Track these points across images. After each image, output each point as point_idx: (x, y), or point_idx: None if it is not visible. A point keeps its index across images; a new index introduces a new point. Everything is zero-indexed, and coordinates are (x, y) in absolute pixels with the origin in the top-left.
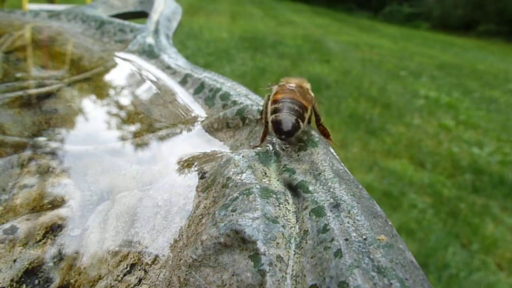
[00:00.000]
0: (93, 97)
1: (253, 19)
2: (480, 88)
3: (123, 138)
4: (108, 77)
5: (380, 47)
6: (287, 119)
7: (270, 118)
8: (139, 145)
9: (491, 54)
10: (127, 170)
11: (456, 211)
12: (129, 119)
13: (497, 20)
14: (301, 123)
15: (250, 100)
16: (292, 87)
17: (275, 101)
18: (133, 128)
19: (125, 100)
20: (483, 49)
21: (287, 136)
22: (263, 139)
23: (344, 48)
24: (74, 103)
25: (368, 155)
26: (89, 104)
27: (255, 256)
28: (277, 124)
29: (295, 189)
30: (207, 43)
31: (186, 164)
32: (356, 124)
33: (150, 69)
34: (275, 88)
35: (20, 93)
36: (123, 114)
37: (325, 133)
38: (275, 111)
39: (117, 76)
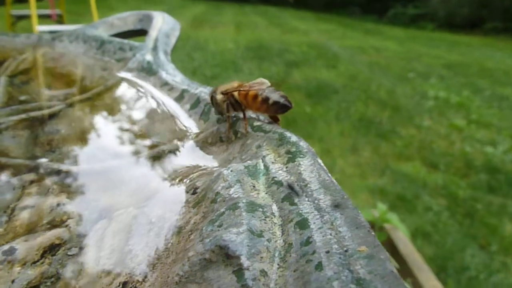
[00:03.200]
0: (94, 116)
1: (258, 29)
2: (490, 86)
3: (121, 156)
4: (108, 96)
5: (386, 50)
6: (282, 97)
7: (269, 102)
8: (137, 163)
9: (500, 51)
10: (125, 187)
11: (472, 212)
12: (127, 137)
13: (503, 17)
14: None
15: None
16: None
17: (255, 95)
18: (131, 146)
19: (124, 118)
20: (491, 47)
21: (289, 109)
22: (247, 126)
23: (350, 52)
24: (75, 123)
25: (379, 159)
26: (89, 123)
27: (239, 271)
28: (277, 104)
29: (282, 201)
30: (213, 54)
31: (180, 180)
32: (366, 128)
33: (148, 86)
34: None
35: (23, 115)
36: (122, 132)
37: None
38: (266, 97)
39: (116, 94)
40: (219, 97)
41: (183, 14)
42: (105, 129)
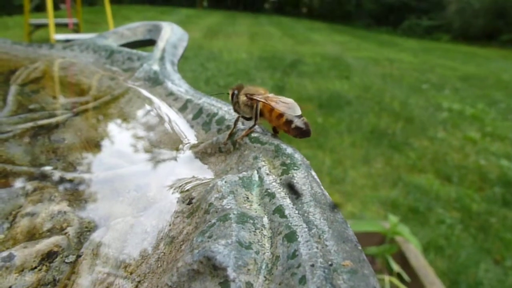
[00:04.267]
0: (99, 125)
1: (272, 39)
2: (506, 98)
3: (124, 165)
4: (114, 106)
5: (401, 61)
6: (304, 124)
7: (292, 125)
8: (139, 172)
9: None
10: (125, 196)
11: (486, 226)
12: (130, 147)
13: None
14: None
15: (244, 125)
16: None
17: (280, 114)
18: (134, 155)
19: (129, 127)
20: (508, 59)
21: (309, 136)
22: (245, 135)
23: (364, 64)
24: (81, 132)
25: (392, 170)
26: (94, 132)
27: (225, 283)
28: (299, 129)
29: (272, 213)
30: (227, 64)
31: (177, 190)
32: (379, 139)
33: (154, 95)
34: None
35: (31, 124)
36: (126, 141)
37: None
38: (290, 120)
39: (122, 104)
40: (242, 98)
41: (198, 24)
42: (110, 138)
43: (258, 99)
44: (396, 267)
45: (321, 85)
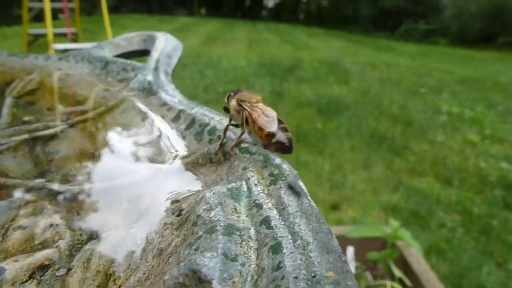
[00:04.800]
0: (94, 137)
1: (270, 46)
2: (504, 100)
3: (117, 177)
4: (108, 116)
5: (398, 66)
6: (287, 139)
7: (273, 139)
8: (131, 183)
9: None
10: (118, 208)
11: (488, 228)
12: (124, 158)
13: None
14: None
15: (234, 134)
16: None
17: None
18: (127, 166)
19: (123, 138)
20: (505, 61)
21: (290, 152)
22: (234, 146)
23: (362, 68)
24: (75, 143)
25: (392, 174)
26: (89, 144)
27: None
28: (281, 144)
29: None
30: (225, 71)
31: (168, 201)
32: (378, 143)
33: (148, 106)
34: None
35: (26, 136)
36: (119, 152)
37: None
38: (272, 134)
39: (117, 115)
40: (233, 102)
41: (197, 32)
42: (104, 149)
43: (245, 107)
44: (397, 272)
45: (320, 90)
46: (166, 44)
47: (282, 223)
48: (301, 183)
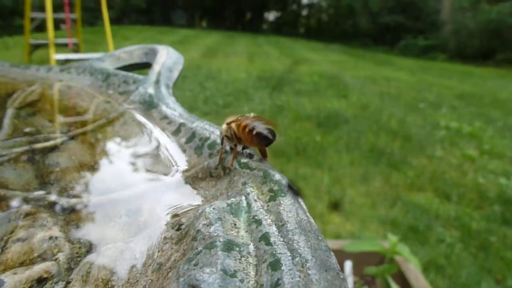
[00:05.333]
0: (94, 149)
1: (270, 59)
2: (503, 116)
3: (117, 190)
4: (109, 129)
5: (398, 80)
6: (266, 129)
7: (252, 133)
8: (131, 196)
9: None
10: (117, 222)
11: (486, 244)
12: (124, 171)
13: None
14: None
15: (231, 148)
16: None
17: (245, 125)
18: (126, 179)
19: (123, 151)
20: (504, 78)
21: (271, 142)
22: (233, 161)
23: (361, 82)
24: (76, 156)
25: (390, 189)
26: (89, 156)
27: None
28: (259, 135)
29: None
30: (225, 83)
31: (167, 215)
32: (377, 158)
33: (148, 119)
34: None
35: (26, 147)
36: (119, 165)
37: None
38: (252, 128)
39: (117, 127)
40: (223, 127)
41: (197, 44)
42: (103, 162)
43: (232, 122)
44: None
45: (319, 104)
46: (167, 58)
47: (281, 239)
48: (300, 200)
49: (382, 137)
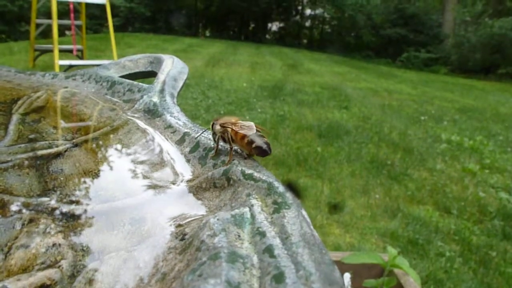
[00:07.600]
0: (98, 157)
1: (272, 69)
2: (504, 131)
3: (120, 198)
4: (113, 137)
5: (399, 93)
6: (265, 144)
7: (252, 145)
8: (134, 205)
9: None
10: (120, 230)
11: (486, 259)
12: (127, 179)
13: None
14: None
15: (237, 160)
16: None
17: (243, 136)
18: (130, 187)
19: (126, 159)
20: (505, 92)
21: (267, 154)
22: (230, 159)
23: (363, 94)
24: (79, 163)
25: (391, 201)
26: (92, 164)
27: None
28: (259, 148)
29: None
30: (227, 92)
31: (171, 225)
32: (378, 169)
33: (153, 128)
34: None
35: (30, 154)
36: (123, 173)
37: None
38: (251, 141)
39: (121, 135)
40: (217, 127)
41: (200, 53)
42: (107, 170)
43: (228, 126)
44: None
45: (321, 115)
46: (172, 67)
47: (285, 252)
48: (304, 212)
49: (383, 149)
